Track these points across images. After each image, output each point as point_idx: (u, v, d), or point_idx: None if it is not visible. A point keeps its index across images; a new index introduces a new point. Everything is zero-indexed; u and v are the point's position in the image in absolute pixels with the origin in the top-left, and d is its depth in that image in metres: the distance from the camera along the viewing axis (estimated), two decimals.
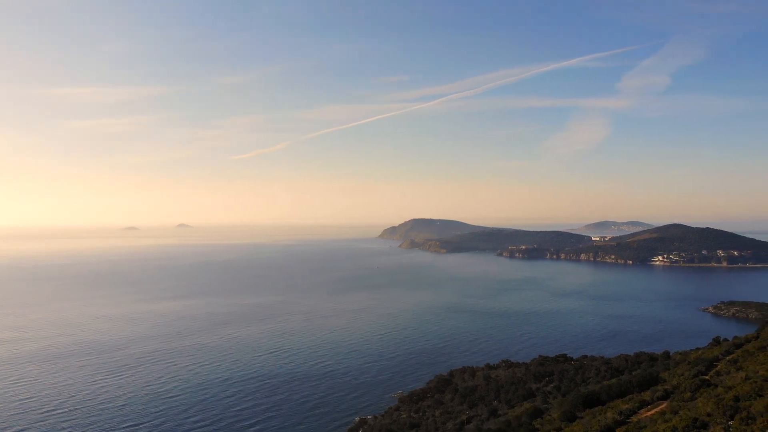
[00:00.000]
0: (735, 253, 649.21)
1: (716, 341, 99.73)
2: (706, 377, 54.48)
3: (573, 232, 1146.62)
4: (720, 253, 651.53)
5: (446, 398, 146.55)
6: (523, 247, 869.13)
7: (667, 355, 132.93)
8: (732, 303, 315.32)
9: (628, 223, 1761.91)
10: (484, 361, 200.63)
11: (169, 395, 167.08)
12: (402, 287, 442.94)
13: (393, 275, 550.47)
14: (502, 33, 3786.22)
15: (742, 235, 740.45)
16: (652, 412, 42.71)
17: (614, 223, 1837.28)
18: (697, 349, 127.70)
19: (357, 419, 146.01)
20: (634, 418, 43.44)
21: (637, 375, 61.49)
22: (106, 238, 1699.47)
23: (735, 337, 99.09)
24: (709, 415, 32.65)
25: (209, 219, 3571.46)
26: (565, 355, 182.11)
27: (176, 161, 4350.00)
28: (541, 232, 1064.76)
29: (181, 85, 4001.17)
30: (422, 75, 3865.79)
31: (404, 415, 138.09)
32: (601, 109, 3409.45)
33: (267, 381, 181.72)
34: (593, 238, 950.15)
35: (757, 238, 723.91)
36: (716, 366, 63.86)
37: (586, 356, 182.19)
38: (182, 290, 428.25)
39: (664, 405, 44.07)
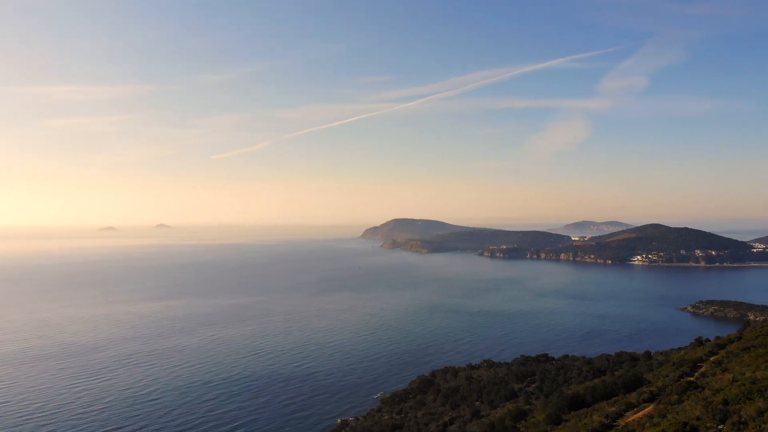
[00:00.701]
0: (713, 252, 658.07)
1: (699, 342, 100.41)
2: (692, 378, 54.55)
3: (553, 232, 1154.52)
4: (698, 252, 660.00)
5: (429, 399, 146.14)
6: (504, 247, 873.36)
7: (648, 355, 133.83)
8: (711, 302, 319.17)
9: (607, 223, 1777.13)
10: (466, 361, 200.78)
11: (150, 398, 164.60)
12: (384, 287, 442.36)
13: (375, 275, 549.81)
14: (484, 34, 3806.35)
15: (719, 235, 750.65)
16: (639, 415, 42.50)
17: (593, 223, 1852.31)
18: (679, 349, 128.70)
19: (339, 421, 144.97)
20: (621, 422, 43.21)
21: (621, 376, 61.41)
22: (83, 239, 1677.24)
23: (717, 338, 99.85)
24: (698, 419, 32.39)
25: (189, 219, 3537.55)
26: (547, 354, 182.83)
27: (156, 160, 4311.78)
28: (521, 232, 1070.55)
29: (161, 83, 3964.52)
30: (405, 75, 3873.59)
31: (386, 417, 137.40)
32: (582, 110, 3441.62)
33: (249, 383, 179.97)
34: (573, 238, 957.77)
35: (734, 238, 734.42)
36: (700, 367, 64.09)
37: (567, 356, 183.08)
38: (161, 291, 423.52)
39: (650, 408, 43.89)
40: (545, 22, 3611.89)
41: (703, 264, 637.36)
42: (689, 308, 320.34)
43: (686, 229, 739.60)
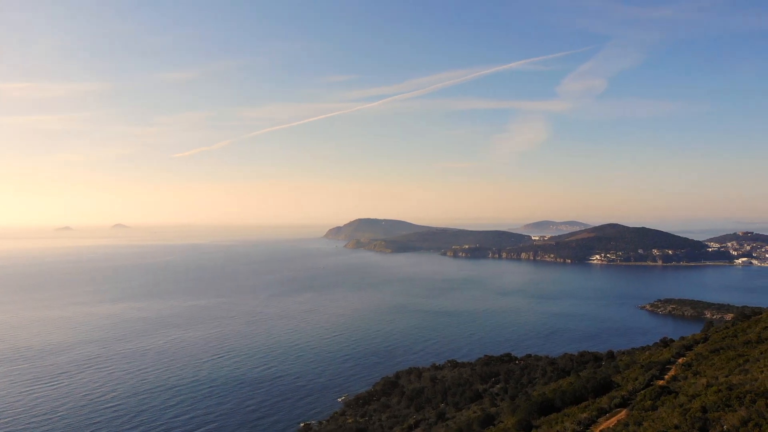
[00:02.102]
0: (669, 252, 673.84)
1: (664, 342, 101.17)
2: (662, 381, 54.03)
3: (514, 232, 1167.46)
4: (655, 252, 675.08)
5: (393, 401, 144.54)
6: (467, 247, 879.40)
7: (611, 354, 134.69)
8: (668, 301, 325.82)
9: (566, 223, 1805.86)
10: (430, 361, 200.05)
11: (109, 404, 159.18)
12: (348, 288, 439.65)
13: (338, 276, 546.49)
14: (446, 35, 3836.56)
15: (676, 234, 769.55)
16: (613, 421, 41.51)
17: (553, 223, 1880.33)
18: (643, 348, 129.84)
19: (302, 425, 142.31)
20: (595, 429, 42.21)
21: (590, 379, 60.72)
22: (38, 239, 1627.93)
23: (682, 338, 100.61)
24: (676, 427, 31.31)
25: (148, 219, 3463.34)
26: (510, 354, 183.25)
27: (114, 159, 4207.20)
28: (483, 231, 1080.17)
29: (120, 80, 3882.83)
30: (368, 75, 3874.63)
31: (350, 420, 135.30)
32: (542, 112, 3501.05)
33: (210, 387, 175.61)
34: (533, 238, 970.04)
35: (690, 238, 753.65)
36: (669, 369, 63.88)
37: (530, 355, 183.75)
38: (119, 293, 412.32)
39: (623, 414, 42.96)
40: (506, 24, 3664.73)
41: (660, 263, 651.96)
42: (648, 307, 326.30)
43: (643, 228, 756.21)
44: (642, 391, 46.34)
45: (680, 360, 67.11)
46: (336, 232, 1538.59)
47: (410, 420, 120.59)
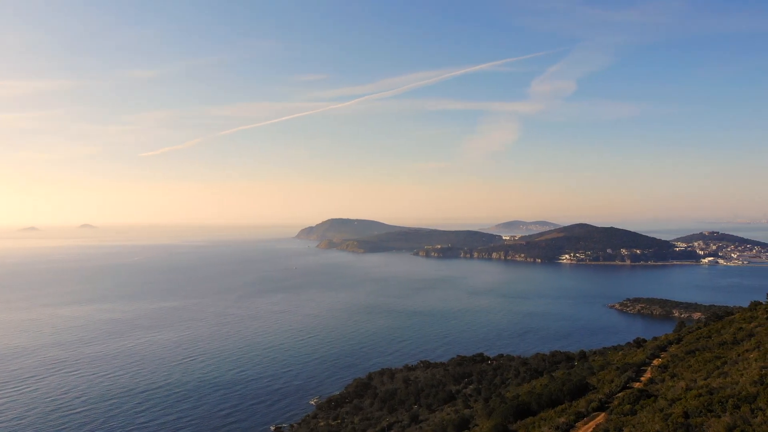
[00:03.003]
0: (637, 251, 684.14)
1: (637, 343, 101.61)
2: (639, 383, 53.70)
3: (485, 232, 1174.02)
4: (623, 251, 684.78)
5: (365, 403, 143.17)
6: (439, 247, 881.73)
7: (583, 354, 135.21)
8: (637, 300, 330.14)
9: (535, 223, 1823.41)
10: (403, 361, 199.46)
11: (78, 409, 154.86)
12: (320, 288, 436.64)
13: (311, 276, 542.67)
14: (417, 36, 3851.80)
15: (643, 234, 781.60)
16: (591, 426, 40.79)
17: (523, 223, 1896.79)
18: (615, 348, 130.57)
19: (272, 428, 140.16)
20: None
21: (565, 381, 60.13)
22: (2, 239, 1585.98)
23: (654, 338, 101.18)
24: None
25: (116, 219, 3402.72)
26: (482, 354, 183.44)
27: (80, 158, 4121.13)
28: (455, 231, 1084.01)
29: (86, 78, 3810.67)
30: (340, 75, 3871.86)
31: (322, 423, 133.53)
32: (512, 113, 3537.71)
33: (178, 390, 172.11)
34: (504, 238, 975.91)
35: (657, 237, 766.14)
36: (645, 371, 63.69)
37: (502, 355, 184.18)
38: (84, 295, 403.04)
39: (601, 418, 42.29)
40: (477, 25, 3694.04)
41: (628, 262, 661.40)
42: (617, 306, 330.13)
43: (612, 228, 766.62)
44: (619, 394, 45.77)
45: (655, 361, 67.06)
46: (308, 232, 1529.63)
47: (383, 422, 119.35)
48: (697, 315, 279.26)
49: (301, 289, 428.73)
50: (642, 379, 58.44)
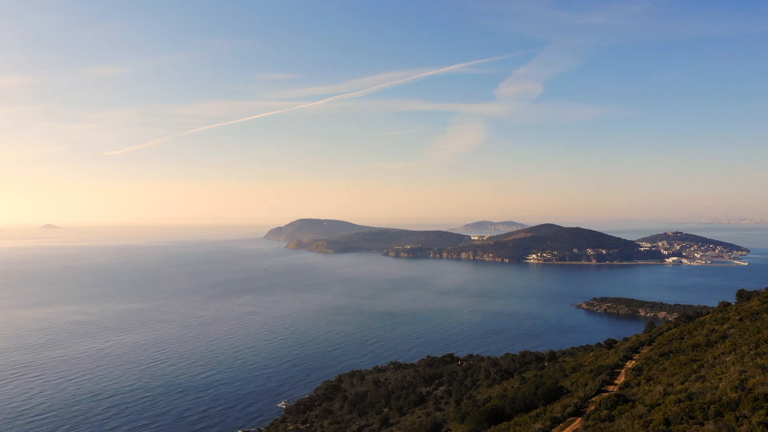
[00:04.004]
0: (603, 251, 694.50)
1: (608, 344, 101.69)
2: (614, 387, 53.17)
3: (454, 232, 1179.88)
4: (589, 251, 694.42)
5: (335, 406, 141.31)
6: (408, 247, 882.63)
7: (553, 355, 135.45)
8: (603, 299, 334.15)
9: (503, 223, 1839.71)
10: (372, 363, 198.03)
11: (40, 416, 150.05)
12: (289, 289, 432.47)
13: (280, 277, 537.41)
14: (386, 36, 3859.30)
15: (609, 234, 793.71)
16: None
17: (491, 223, 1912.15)
18: (585, 349, 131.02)
19: None
20: None
21: (539, 385, 59.34)
22: None
23: (625, 339, 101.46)
24: None
25: (80, 219, 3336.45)
26: (452, 354, 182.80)
27: (43, 157, 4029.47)
28: (424, 232, 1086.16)
29: (47, 76, 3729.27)
30: (308, 74, 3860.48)
31: (291, 427, 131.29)
32: (480, 115, 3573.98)
33: (145, 394, 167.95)
34: (473, 238, 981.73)
35: (622, 237, 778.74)
36: (619, 374, 63.33)
37: (472, 355, 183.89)
38: (48, 296, 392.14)
39: (578, 423, 41.38)
40: (445, 27, 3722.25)
41: (594, 262, 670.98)
42: (584, 305, 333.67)
43: (578, 229, 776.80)
44: (594, 398, 45.00)
45: (629, 364, 66.78)
46: (277, 232, 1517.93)
47: (353, 426, 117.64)
48: (662, 314, 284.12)
49: (271, 291, 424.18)
50: (616, 382, 57.95)
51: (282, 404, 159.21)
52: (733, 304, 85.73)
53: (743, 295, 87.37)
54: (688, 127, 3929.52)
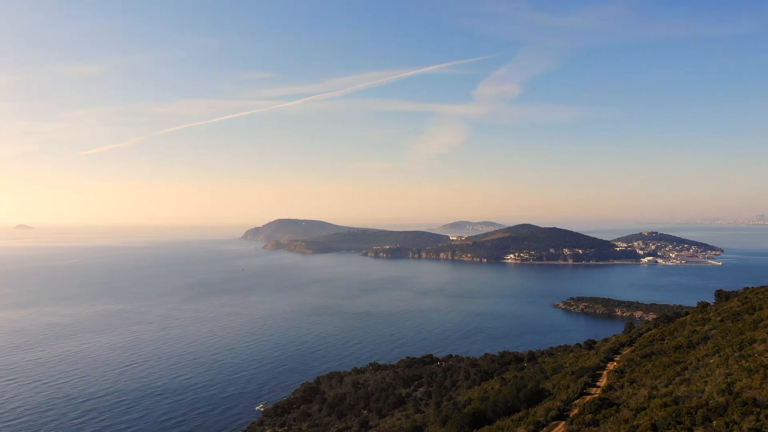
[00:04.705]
0: (579, 251, 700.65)
1: (589, 345, 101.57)
2: (596, 389, 52.74)
3: (433, 232, 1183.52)
4: (566, 251, 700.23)
5: (314, 409, 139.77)
6: (387, 247, 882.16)
7: (532, 355, 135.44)
8: (581, 299, 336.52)
9: (482, 223, 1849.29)
10: (352, 364, 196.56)
11: (9, 419, 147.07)
12: (267, 290, 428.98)
13: (258, 278, 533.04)
14: (365, 36, 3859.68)
15: (585, 234, 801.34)
16: None
17: (469, 223, 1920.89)
18: (565, 349, 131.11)
19: None
20: None
21: (521, 387, 58.75)
22: None
23: (605, 339, 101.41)
24: None
25: (54, 219, 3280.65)
26: (432, 355, 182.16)
27: (16, 156, 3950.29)
28: (403, 232, 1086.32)
29: (21, 74, 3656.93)
30: (287, 73, 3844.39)
31: (268, 430, 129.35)
32: (459, 115, 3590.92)
33: (121, 398, 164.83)
34: (451, 238, 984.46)
35: (598, 237, 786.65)
36: (600, 375, 63.00)
37: (451, 356, 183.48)
38: (19, 298, 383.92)
39: (561, 428, 40.76)
40: (424, 27, 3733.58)
41: (570, 262, 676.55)
42: (561, 305, 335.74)
43: (555, 229, 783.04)
44: (577, 401, 44.38)
45: (610, 365, 66.51)
46: (254, 232, 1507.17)
47: (332, 429, 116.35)
48: (638, 314, 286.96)
49: (249, 292, 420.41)
50: (599, 384, 57.58)
51: (260, 407, 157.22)
52: (712, 304, 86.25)
53: (722, 296, 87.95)
54: (663, 129, 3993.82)
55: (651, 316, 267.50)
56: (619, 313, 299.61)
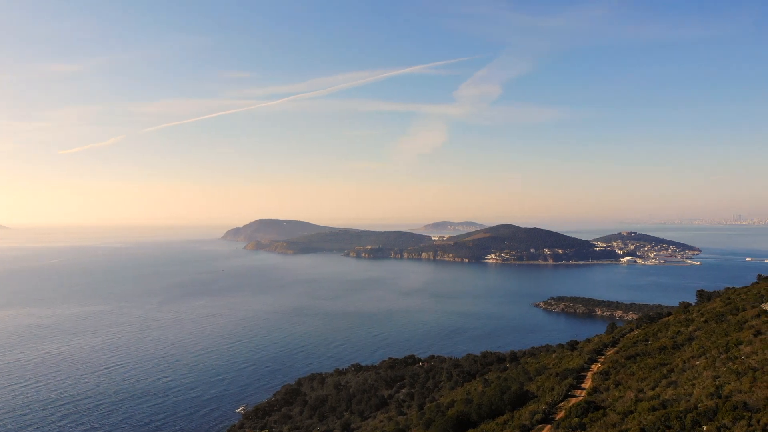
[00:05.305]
0: (560, 251, 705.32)
1: (571, 345, 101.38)
2: (581, 392, 52.27)
3: (414, 232, 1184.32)
4: (546, 251, 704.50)
5: (295, 411, 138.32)
6: (369, 247, 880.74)
7: (514, 355, 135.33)
8: (561, 299, 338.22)
9: (463, 223, 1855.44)
10: (333, 365, 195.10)
11: None
12: (248, 291, 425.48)
13: (238, 278, 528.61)
14: (348, 36, 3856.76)
15: (565, 234, 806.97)
16: None
17: (450, 223, 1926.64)
18: (547, 350, 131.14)
19: None
20: None
21: (504, 389, 58.14)
22: None
23: (588, 340, 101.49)
24: None
25: (32, 220, 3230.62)
26: (414, 356, 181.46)
27: None
28: (385, 232, 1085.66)
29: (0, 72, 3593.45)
30: (270, 72, 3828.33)
31: None
32: (441, 116, 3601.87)
33: (102, 400, 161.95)
34: (433, 238, 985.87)
35: (578, 237, 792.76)
36: (585, 377, 62.66)
37: (434, 356, 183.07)
38: None
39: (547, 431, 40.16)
40: (406, 28, 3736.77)
41: (551, 262, 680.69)
42: (542, 304, 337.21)
43: (535, 229, 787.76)
44: (562, 404, 43.81)
45: (594, 366, 66.30)
46: (235, 233, 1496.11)
47: (314, 431, 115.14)
48: (618, 313, 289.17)
49: (229, 293, 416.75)
50: (583, 386, 57.20)
51: (240, 409, 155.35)
52: (694, 304, 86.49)
53: (704, 296, 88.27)
54: (642, 130, 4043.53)
55: (631, 316, 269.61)
56: (599, 312, 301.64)
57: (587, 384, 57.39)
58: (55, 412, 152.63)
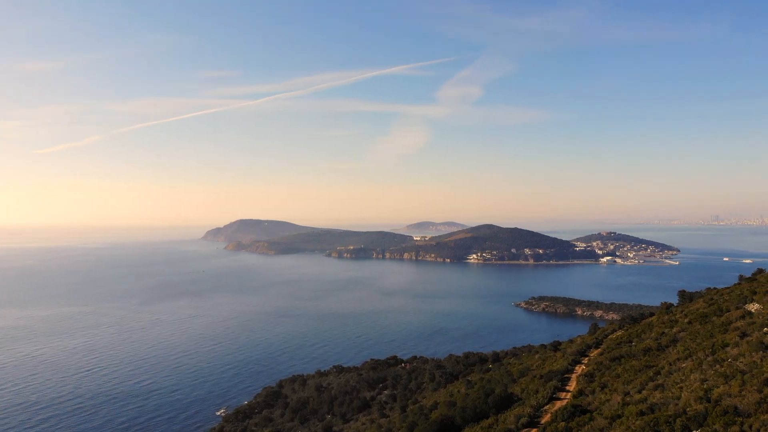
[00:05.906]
0: (540, 251, 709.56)
1: (554, 346, 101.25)
2: (567, 394, 51.87)
3: (396, 232, 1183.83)
4: (527, 251, 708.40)
5: (276, 414, 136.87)
6: (351, 248, 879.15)
7: (497, 356, 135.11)
8: (542, 298, 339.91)
9: (445, 224, 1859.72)
10: (315, 367, 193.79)
11: None
12: (229, 292, 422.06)
13: (219, 279, 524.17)
14: (329, 36, 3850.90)
15: (545, 234, 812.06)
16: None
17: (432, 224, 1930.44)
18: (529, 350, 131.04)
19: None
20: None
21: (488, 391, 57.59)
22: None
23: (570, 341, 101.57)
24: None
25: (7, 220, 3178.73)
26: (396, 357, 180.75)
27: None
28: (367, 232, 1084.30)
29: None
30: (249, 72, 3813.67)
31: None
32: (422, 116, 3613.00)
33: (82, 403, 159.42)
34: (415, 238, 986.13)
35: (558, 238, 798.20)
36: (569, 379, 62.33)
37: (416, 357, 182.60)
38: None
39: None
40: (388, 28, 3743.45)
41: (531, 262, 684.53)
42: (523, 304, 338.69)
43: (516, 229, 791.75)
44: (547, 407, 43.31)
45: (578, 368, 66.05)
46: (215, 233, 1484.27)
47: None
48: (599, 313, 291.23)
49: (209, 294, 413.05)
50: (568, 388, 56.86)
51: (220, 412, 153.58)
52: (676, 305, 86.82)
53: (685, 296, 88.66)
54: (621, 130, 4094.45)
55: (612, 316, 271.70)
56: (579, 312, 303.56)
57: (572, 386, 57.10)
58: (34, 416, 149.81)
